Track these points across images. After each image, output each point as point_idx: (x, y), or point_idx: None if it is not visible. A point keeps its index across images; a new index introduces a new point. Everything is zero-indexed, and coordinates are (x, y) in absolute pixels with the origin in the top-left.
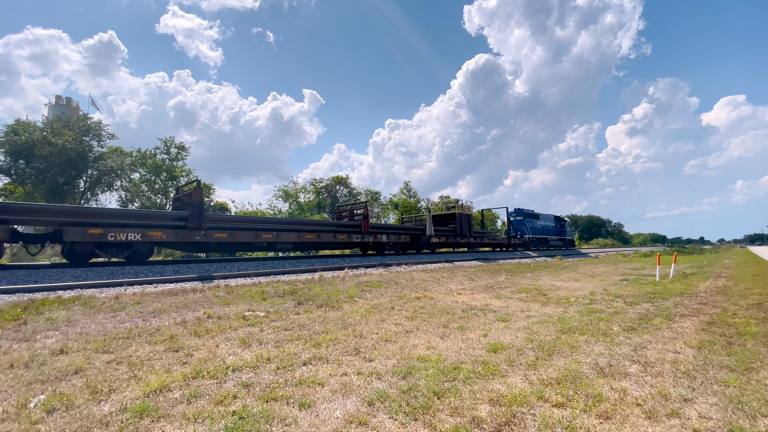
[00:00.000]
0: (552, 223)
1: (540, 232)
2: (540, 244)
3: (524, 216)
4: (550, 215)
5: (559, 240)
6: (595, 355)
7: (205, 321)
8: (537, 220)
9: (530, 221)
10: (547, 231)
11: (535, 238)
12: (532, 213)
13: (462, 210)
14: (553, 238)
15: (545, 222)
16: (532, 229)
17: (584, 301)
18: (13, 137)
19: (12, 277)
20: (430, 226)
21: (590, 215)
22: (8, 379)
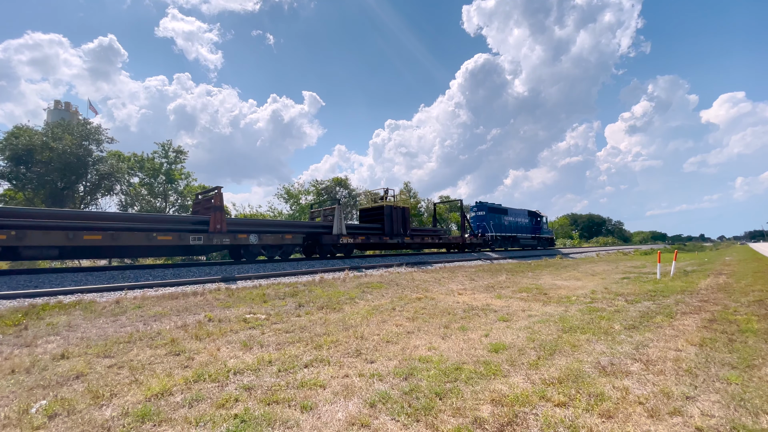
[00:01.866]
0: (524, 219)
1: (508, 229)
2: (508, 243)
3: (487, 210)
4: (522, 210)
5: (533, 238)
6: (597, 353)
7: (206, 324)
8: (504, 215)
9: (495, 217)
10: (518, 228)
11: (500, 237)
12: (498, 207)
13: (394, 202)
14: (525, 236)
15: (515, 218)
16: (498, 225)
17: (585, 299)
18: (13, 142)
19: (13, 282)
20: (339, 222)
21: (590, 214)
22: (9, 384)
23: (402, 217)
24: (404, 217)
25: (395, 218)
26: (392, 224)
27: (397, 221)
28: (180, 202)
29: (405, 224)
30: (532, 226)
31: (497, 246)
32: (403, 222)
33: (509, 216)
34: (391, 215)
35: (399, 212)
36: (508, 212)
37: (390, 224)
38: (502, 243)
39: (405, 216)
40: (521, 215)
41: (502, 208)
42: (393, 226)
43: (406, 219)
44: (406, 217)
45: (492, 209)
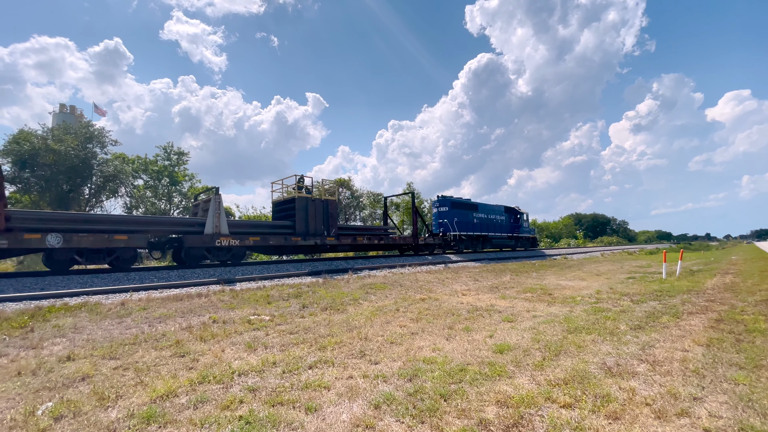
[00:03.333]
0: (499, 217)
1: (477, 227)
2: (477, 243)
3: (450, 206)
4: (497, 206)
5: (510, 238)
6: (603, 354)
7: (211, 326)
8: (473, 212)
9: (460, 213)
10: (491, 226)
11: (466, 236)
12: (464, 202)
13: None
14: (500, 235)
15: (487, 215)
16: (464, 223)
17: (590, 300)
18: (17, 146)
19: (19, 284)
20: (215, 218)
21: (595, 213)
22: (16, 386)
23: (324, 213)
24: (327, 212)
25: (313, 214)
26: (307, 222)
27: (315, 218)
28: (185, 204)
29: (328, 222)
30: (509, 224)
31: (464, 247)
32: (325, 219)
33: (480, 213)
34: (306, 210)
35: (319, 207)
36: (478, 208)
37: (304, 222)
38: (469, 243)
39: (329, 211)
40: (495, 212)
41: (471, 203)
42: (308, 223)
43: (330, 215)
44: (330, 212)
45: (457, 204)
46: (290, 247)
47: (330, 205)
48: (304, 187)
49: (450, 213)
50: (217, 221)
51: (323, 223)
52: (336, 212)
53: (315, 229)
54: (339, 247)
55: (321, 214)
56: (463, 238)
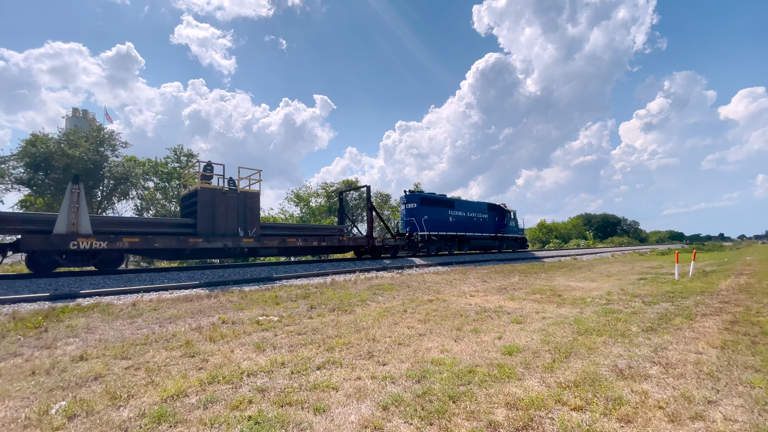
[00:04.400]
0: (481, 215)
1: (453, 227)
2: (453, 245)
3: (418, 203)
4: (479, 203)
5: (493, 239)
6: (614, 356)
7: (220, 326)
8: (449, 209)
9: (431, 211)
10: (470, 226)
11: (438, 237)
12: (437, 198)
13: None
14: (482, 236)
15: (465, 212)
16: (436, 222)
17: (601, 301)
18: (31, 150)
19: (33, 285)
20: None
21: (605, 213)
22: (30, 385)
23: (240, 209)
24: (246, 208)
25: (223, 210)
26: (214, 219)
27: (226, 215)
28: None
29: (248, 219)
30: (493, 223)
31: (436, 249)
32: (242, 216)
33: (457, 210)
34: (214, 205)
35: (232, 201)
36: (454, 205)
37: (209, 219)
38: (443, 245)
39: (248, 207)
40: (476, 210)
41: (445, 199)
42: (216, 221)
43: (250, 212)
44: (250, 208)
45: (427, 201)
46: (189, 251)
47: (250, 199)
48: (213, 177)
49: (419, 210)
50: (74, 217)
51: (238, 221)
52: (258, 207)
53: (226, 228)
54: (261, 250)
55: (236, 209)
56: (434, 238)
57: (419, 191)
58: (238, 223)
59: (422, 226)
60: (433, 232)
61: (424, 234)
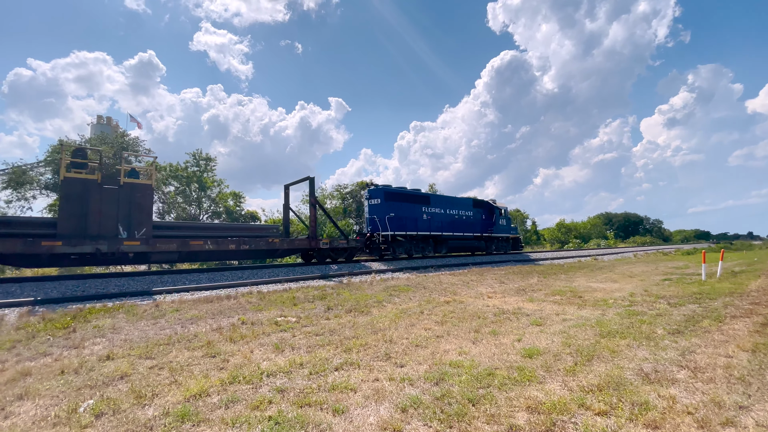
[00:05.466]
0: (465, 212)
1: (426, 226)
2: (426, 247)
3: (383, 198)
4: (463, 199)
5: (477, 239)
6: (639, 360)
7: (240, 327)
8: (423, 205)
9: (399, 207)
10: (449, 224)
11: (406, 237)
12: (408, 194)
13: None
14: (463, 236)
15: (444, 209)
16: (405, 220)
17: (623, 302)
18: (57, 156)
19: (62, 287)
20: None
21: (626, 212)
22: (59, 384)
23: (126, 205)
24: (133, 204)
25: (97, 207)
26: (85, 217)
27: (102, 212)
28: (213, 209)
29: (134, 217)
30: (480, 221)
31: (405, 251)
32: (128, 213)
33: (433, 207)
34: (85, 200)
35: (112, 196)
36: (430, 201)
37: (77, 217)
38: (414, 246)
39: (136, 203)
40: (458, 206)
41: (418, 194)
42: (88, 220)
43: (137, 208)
44: (138, 204)
45: (393, 196)
46: (46, 257)
47: (139, 192)
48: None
49: (383, 207)
50: None
51: (119, 220)
52: (150, 203)
53: (101, 228)
54: (154, 255)
55: (116, 205)
56: (401, 239)
57: (385, 185)
58: (119, 221)
59: (386, 225)
60: (401, 231)
61: (387, 234)
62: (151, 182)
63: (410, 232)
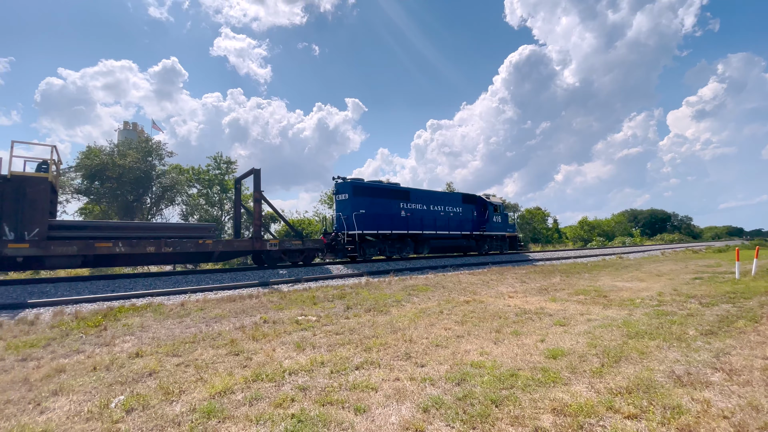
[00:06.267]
0: (452, 208)
1: (405, 224)
2: (403, 247)
3: (351, 192)
4: (450, 194)
5: (467, 238)
6: (670, 362)
7: (262, 326)
8: (402, 201)
9: (371, 204)
10: (432, 222)
11: (382, 236)
12: (384, 188)
13: None
14: (448, 235)
15: (427, 205)
16: (378, 218)
17: (651, 302)
18: (86, 161)
19: (93, 287)
20: None
21: (653, 209)
22: (92, 380)
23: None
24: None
25: None
26: None
27: None
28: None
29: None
30: (470, 219)
31: (376, 252)
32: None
33: (413, 203)
34: None
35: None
36: (410, 196)
37: None
38: (389, 247)
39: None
40: (443, 201)
41: (395, 189)
42: None
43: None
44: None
45: (364, 190)
46: None
47: (30, 187)
48: None
49: (351, 203)
50: None
51: (2, 218)
52: (45, 200)
53: None
54: (49, 260)
55: None
56: (370, 238)
57: (355, 178)
58: (3, 220)
59: (353, 224)
60: (372, 230)
61: (355, 233)
62: (48, 176)
63: (384, 230)
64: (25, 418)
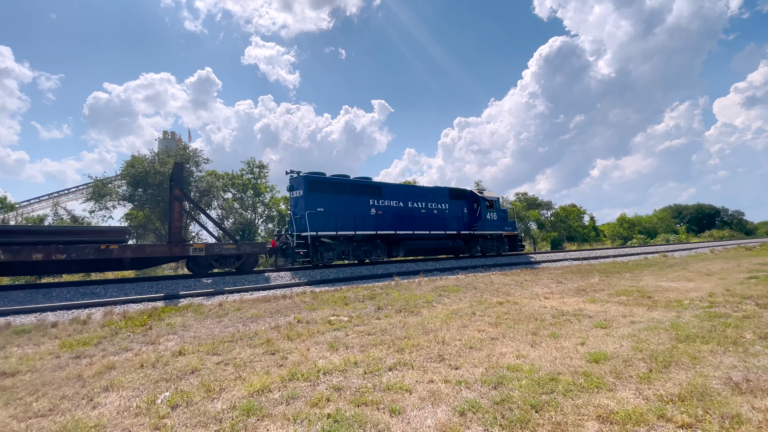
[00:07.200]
0: (436, 204)
1: (375, 223)
2: (376, 250)
3: (306, 188)
4: (434, 188)
5: (451, 238)
6: (726, 367)
7: (296, 325)
8: (371, 198)
9: (334, 201)
10: (408, 221)
11: (345, 238)
12: (349, 183)
13: None
14: (428, 235)
15: (401, 201)
16: (339, 217)
17: (702, 303)
18: (130, 170)
19: (139, 288)
20: None
21: (699, 204)
22: (139, 377)
23: None
24: None
25: None
26: None
27: None
28: (267, 213)
29: None
30: (458, 216)
31: (335, 256)
32: None
33: (385, 199)
34: None
35: None
36: (381, 192)
37: None
38: (354, 250)
39: None
40: (426, 198)
41: (363, 183)
42: None
43: None
44: None
45: (321, 185)
46: None
47: None
48: None
49: (305, 200)
50: None
51: None
52: None
53: None
54: None
55: None
56: (327, 240)
57: (312, 172)
58: None
59: (306, 224)
60: (330, 231)
61: (308, 235)
62: None
63: (346, 231)
64: (79, 413)
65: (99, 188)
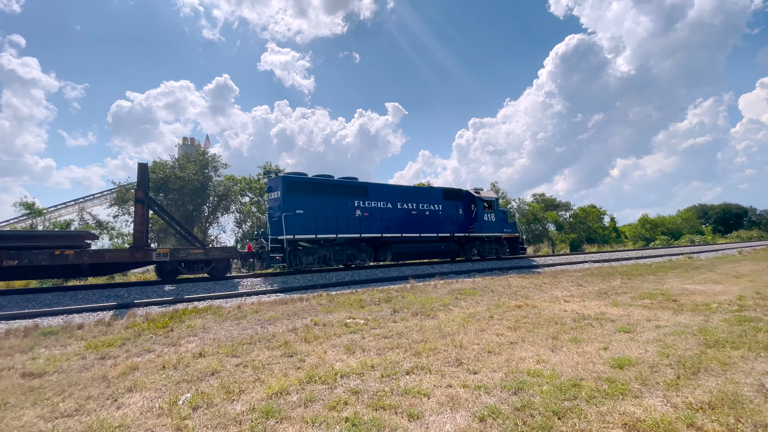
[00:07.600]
0: (428, 205)
1: (360, 226)
2: (360, 254)
3: (284, 189)
4: (427, 188)
5: (443, 240)
6: (758, 374)
7: (313, 328)
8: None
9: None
10: (397, 223)
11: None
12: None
13: None
14: (419, 237)
15: (390, 202)
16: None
17: (731, 307)
18: (152, 175)
19: (161, 290)
20: None
21: (725, 203)
22: (161, 378)
23: None
24: None
25: None
26: None
27: None
28: None
29: None
30: (453, 217)
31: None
32: None
33: (372, 200)
34: None
35: None
36: (368, 192)
37: None
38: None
39: None
40: (417, 198)
41: (349, 184)
42: None
43: None
44: None
45: (299, 186)
46: None
47: None
48: None
49: (283, 202)
50: None
51: None
52: None
53: None
54: None
55: None
56: (305, 244)
57: (292, 173)
58: None
59: (282, 227)
60: (309, 234)
61: (284, 239)
62: None
63: (327, 234)
64: (103, 413)
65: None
